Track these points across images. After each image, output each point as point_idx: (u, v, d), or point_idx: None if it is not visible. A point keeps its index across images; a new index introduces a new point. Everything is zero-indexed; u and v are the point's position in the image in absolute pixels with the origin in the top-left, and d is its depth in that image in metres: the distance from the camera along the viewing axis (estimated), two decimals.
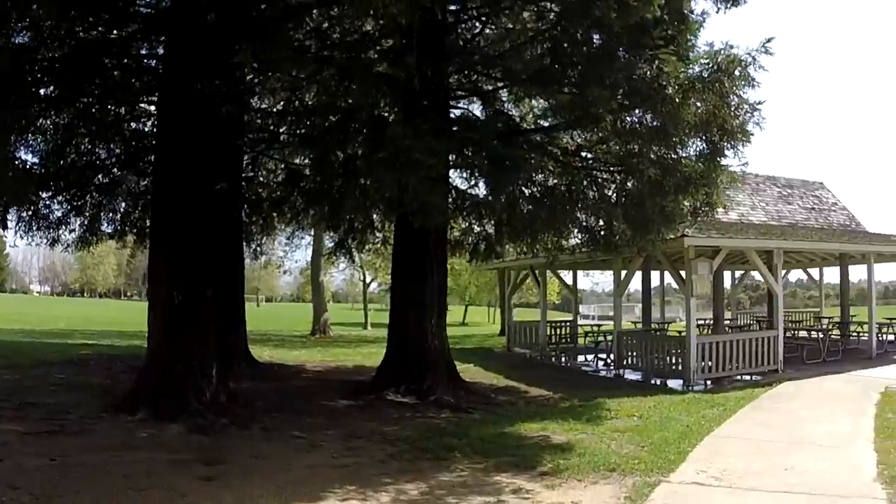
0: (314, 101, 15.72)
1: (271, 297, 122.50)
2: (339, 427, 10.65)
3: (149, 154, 15.24)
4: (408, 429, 10.66)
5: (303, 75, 11.64)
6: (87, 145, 15.57)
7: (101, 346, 22.91)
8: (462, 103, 15.20)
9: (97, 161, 15.97)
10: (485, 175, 11.72)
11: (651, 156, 12.30)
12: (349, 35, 11.65)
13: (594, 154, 13.59)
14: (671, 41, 11.06)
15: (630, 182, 12.56)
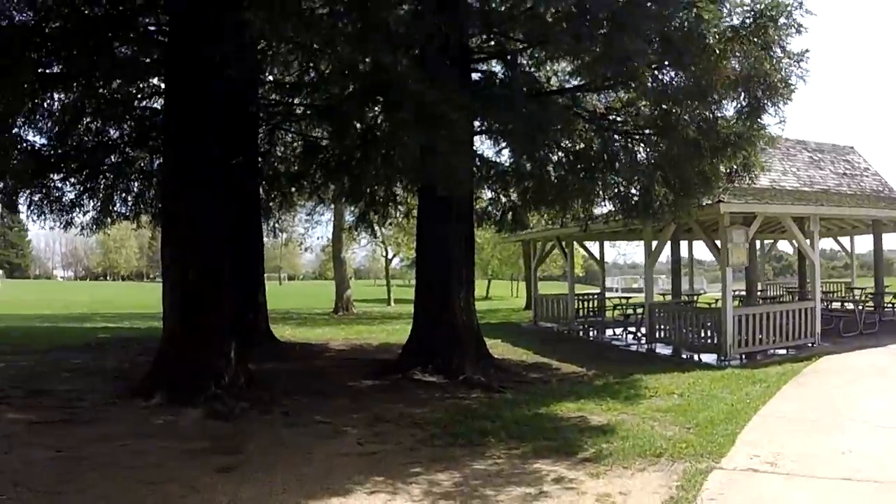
0: (328, 69, 15.20)
1: (294, 276, 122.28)
2: (364, 410, 10.06)
3: (160, 132, 14.74)
4: (437, 411, 10.05)
5: (315, 44, 10.96)
6: (97, 125, 15.27)
7: (121, 329, 22.64)
8: (482, 66, 14.51)
9: (108, 141, 15.66)
10: (513, 137, 10.98)
11: (685, 116, 11.62)
12: None
13: (622, 116, 12.87)
14: None
15: (664, 144, 11.81)
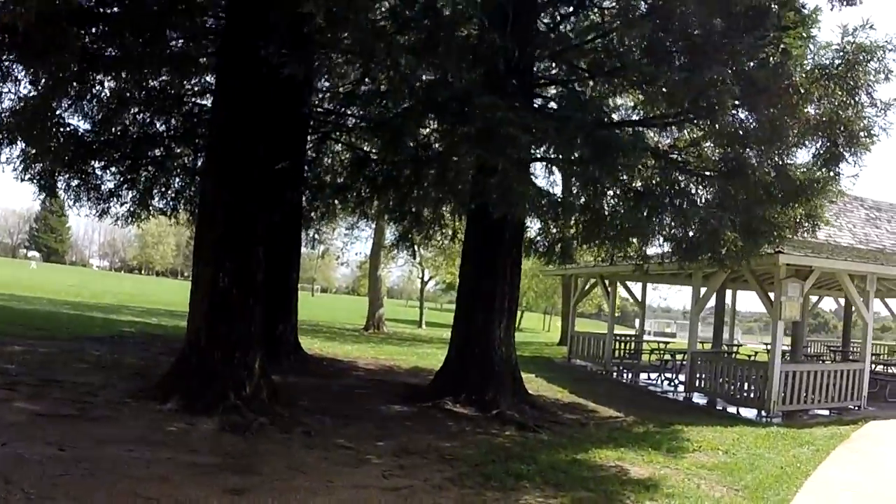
0: (386, 80, 14.78)
1: (326, 288, 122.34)
2: (390, 438, 9.40)
3: (207, 128, 14.43)
4: (469, 447, 9.35)
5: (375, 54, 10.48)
6: (144, 116, 14.99)
7: (147, 325, 22.25)
8: (544, 93, 13.96)
9: (153, 134, 15.32)
10: (578, 165, 10.36)
11: (756, 159, 10.97)
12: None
13: (686, 156, 12.23)
14: (797, 25, 9.71)
15: (732, 187, 11.11)
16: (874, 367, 21.53)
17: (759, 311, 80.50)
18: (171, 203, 16.85)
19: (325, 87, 16.79)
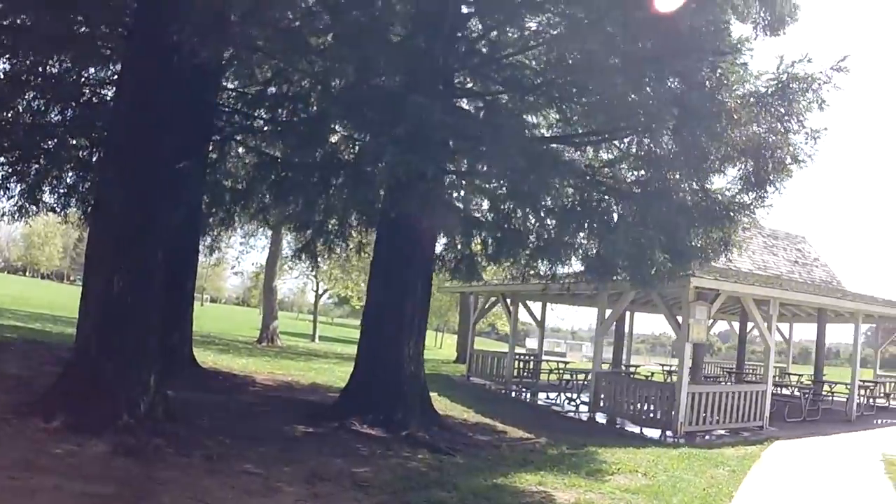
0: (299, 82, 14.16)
1: (216, 298, 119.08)
2: (299, 462, 8.68)
3: (106, 119, 13.44)
4: (383, 471, 8.77)
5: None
6: (39, 103, 13.87)
7: (31, 330, 20.75)
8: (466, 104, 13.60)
9: (47, 124, 14.21)
10: (510, 177, 9.96)
11: (684, 182, 10.91)
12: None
13: (609, 174, 12.07)
14: (733, 51, 9.64)
15: (657, 207, 10.93)
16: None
17: (644, 332, 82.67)
18: (63, 199, 15.64)
19: (232, 87, 16.02)
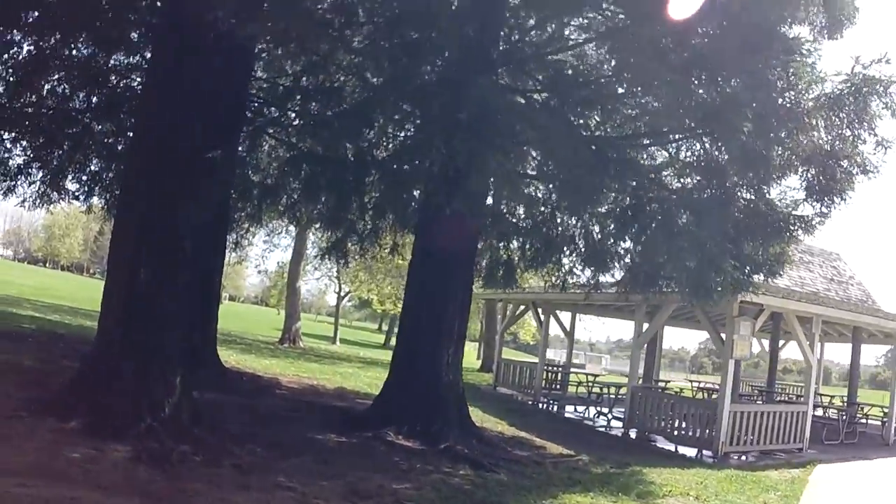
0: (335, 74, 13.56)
1: (235, 297, 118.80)
2: (336, 477, 8.03)
3: (131, 106, 12.96)
4: (424, 488, 8.11)
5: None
6: (63, 88, 13.39)
7: (49, 322, 20.22)
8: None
9: (71, 109, 13.68)
10: (570, 174, 9.24)
11: (737, 189, 10.22)
12: None
13: (671, 177, 11.38)
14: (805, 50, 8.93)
15: (716, 216, 10.22)
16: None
17: (664, 347, 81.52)
18: (86, 187, 15.14)
19: (263, 77, 15.44)
